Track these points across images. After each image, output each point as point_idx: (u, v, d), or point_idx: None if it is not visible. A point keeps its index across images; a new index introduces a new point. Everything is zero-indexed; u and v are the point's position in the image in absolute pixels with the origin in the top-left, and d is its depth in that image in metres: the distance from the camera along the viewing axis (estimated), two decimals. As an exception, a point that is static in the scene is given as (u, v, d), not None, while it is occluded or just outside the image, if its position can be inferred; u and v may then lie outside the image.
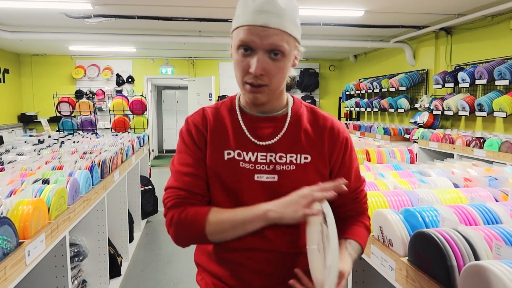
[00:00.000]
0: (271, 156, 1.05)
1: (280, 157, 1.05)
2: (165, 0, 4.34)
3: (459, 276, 1.00)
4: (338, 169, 1.12)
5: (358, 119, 8.33)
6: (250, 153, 1.05)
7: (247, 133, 1.07)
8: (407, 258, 1.23)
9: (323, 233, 0.94)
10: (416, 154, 5.15)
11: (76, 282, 2.49)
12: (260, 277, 1.06)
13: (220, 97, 8.76)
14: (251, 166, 1.04)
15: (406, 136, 5.77)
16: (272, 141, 1.06)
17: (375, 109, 6.93)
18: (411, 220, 1.32)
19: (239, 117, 1.10)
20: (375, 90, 6.89)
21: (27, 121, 8.22)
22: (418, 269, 1.15)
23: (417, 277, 1.15)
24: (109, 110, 5.46)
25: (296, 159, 1.06)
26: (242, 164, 1.04)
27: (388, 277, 1.32)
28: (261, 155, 1.05)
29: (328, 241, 0.89)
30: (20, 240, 1.41)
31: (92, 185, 2.41)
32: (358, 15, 4.86)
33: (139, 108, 5.39)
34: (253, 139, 1.06)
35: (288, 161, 1.05)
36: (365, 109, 7.32)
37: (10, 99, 7.99)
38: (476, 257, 1.05)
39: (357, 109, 7.70)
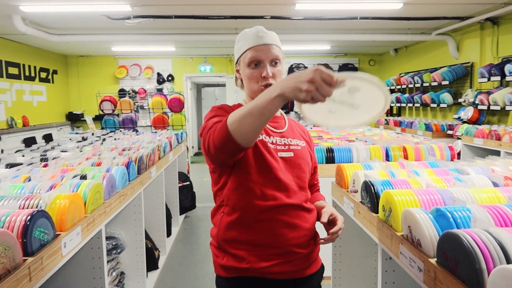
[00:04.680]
0: (285, 140, 1.43)
1: (290, 141, 1.44)
2: (201, -1, 4.40)
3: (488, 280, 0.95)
4: (312, 156, 1.54)
5: (399, 114, 8.08)
6: (272, 137, 1.40)
7: (266, 124, 1.36)
8: (435, 259, 1.19)
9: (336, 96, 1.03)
10: (460, 151, 4.94)
11: (114, 273, 2.59)
12: (291, 230, 1.33)
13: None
14: (274, 147, 1.38)
15: (449, 132, 5.54)
16: (283, 129, 1.46)
17: (416, 105, 6.69)
18: (442, 220, 1.27)
19: None
20: (417, 85, 6.64)
21: (74, 119, 8.64)
22: (446, 271, 1.10)
23: (445, 280, 1.10)
24: (149, 108, 5.63)
25: (299, 143, 1.46)
26: (269, 145, 1.37)
27: (417, 279, 1.28)
28: (279, 139, 1.41)
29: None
30: (57, 233, 1.49)
31: (129, 181, 2.50)
32: (396, 8, 4.69)
33: (177, 105, 5.52)
34: (271, 128, 1.43)
35: (295, 144, 1.44)
36: (406, 105, 7.08)
37: (59, 99, 8.42)
38: (509, 261, 0.99)
39: (398, 104, 7.46)
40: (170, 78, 8.97)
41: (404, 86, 7.14)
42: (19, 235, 1.29)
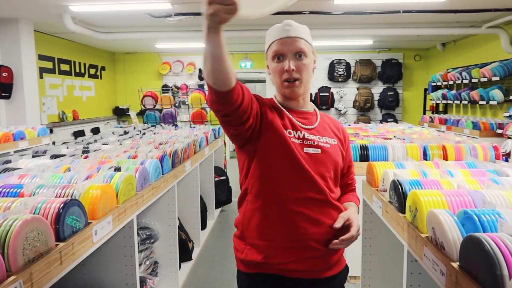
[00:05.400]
0: (313, 136, 1.39)
1: (319, 138, 1.40)
2: (239, -4, 4.42)
3: None
4: (346, 154, 1.51)
5: (445, 112, 7.73)
6: (299, 132, 1.37)
7: (294, 119, 1.40)
8: (458, 263, 1.14)
9: None
10: (510, 152, 4.64)
11: (148, 262, 2.69)
12: (312, 225, 1.32)
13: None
14: (301, 142, 1.36)
15: (499, 131, 5.23)
16: (313, 126, 1.42)
17: (464, 102, 6.37)
18: (468, 223, 1.22)
19: (283, 109, 1.43)
20: (465, 81, 6.32)
21: (121, 113, 9.01)
22: (467, 276, 1.06)
23: (466, 285, 1.06)
24: (188, 104, 5.77)
25: (329, 141, 1.42)
26: (293, 139, 1.35)
27: (439, 282, 1.23)
28: (307, 135, 1.38)
29: None
30: (88, 221, 1.58)
31: (162, 174, 2.58)
32: (442, 0, 4.49)
33: (215, 101, 5.60)
34: (300, 124, 1.40)
35: (325, 141, 1.40)
36: (453, 102, 6.75)
37: (106, 94, 8.82)
38: (534, 268, 0.93)
39: (444, 101, 7.14)
40: (211, 74, 9.10)
41: (451, 82, 6.82)
42: (53, 221, 1.38)
